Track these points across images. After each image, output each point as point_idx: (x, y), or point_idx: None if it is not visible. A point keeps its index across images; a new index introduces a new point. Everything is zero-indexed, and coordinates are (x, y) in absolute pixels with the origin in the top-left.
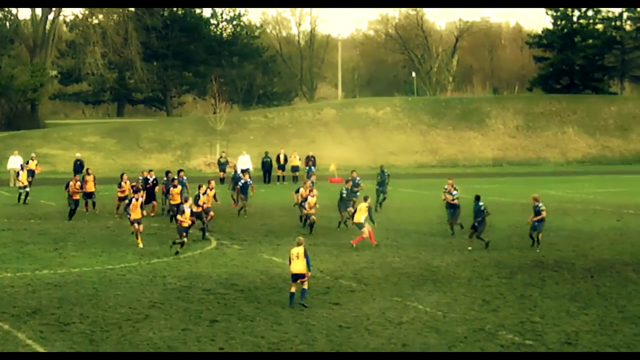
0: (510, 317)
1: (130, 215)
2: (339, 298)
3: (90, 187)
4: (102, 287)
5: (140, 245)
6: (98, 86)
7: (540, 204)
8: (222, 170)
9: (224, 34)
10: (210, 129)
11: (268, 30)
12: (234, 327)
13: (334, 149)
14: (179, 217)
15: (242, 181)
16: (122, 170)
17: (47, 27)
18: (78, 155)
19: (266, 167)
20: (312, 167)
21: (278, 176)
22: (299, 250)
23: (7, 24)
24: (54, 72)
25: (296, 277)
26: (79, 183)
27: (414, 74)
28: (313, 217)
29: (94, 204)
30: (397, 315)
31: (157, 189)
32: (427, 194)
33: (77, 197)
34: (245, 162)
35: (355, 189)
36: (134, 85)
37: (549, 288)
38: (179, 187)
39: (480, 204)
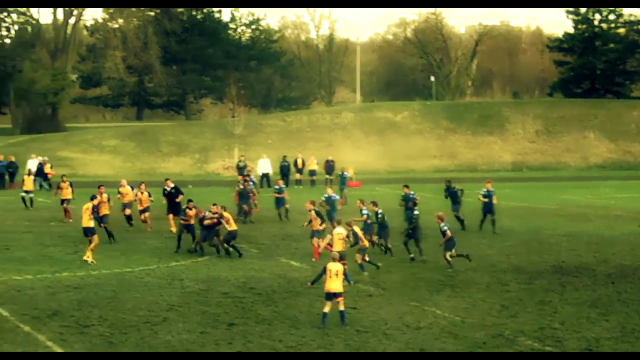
0: (530, 323)
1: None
2: (356, 302)
3: (66, 194)
4: (121, 289)
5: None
6: (118, 90)
7: (443, 224)
8: (241, 174)
9: (243, 38)
10: (229, 132)
11: (287, 35)
12: (251, 330)
13: (351, 153)
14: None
15: (241, 187)
16: (141, 173)
17: (68, 31)
18: (40, 159)
19: (284, 171)
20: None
21: (296, 180)
22: (338, 267)
23: (29, 28)
24: (75, 76)
25: (332, 295)
26: (105, 195)
27: (432, 78)
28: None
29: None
30: (415, 320)
31: (179, 198)
32: (445, 199)
33: (105, 211)
34: (265, 165)
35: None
36: (153, 89)
37: (569, 294)
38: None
39: (415, 212)
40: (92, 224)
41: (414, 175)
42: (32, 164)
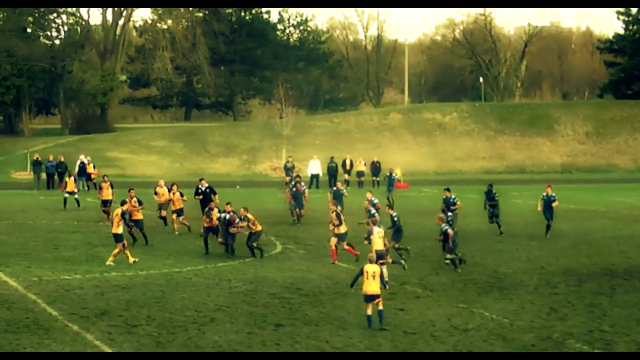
0: (579, 325)
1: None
2: (404, 304)
3: (107, 194)
4: (169, 289)
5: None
6: (166, 91)
7: (444, 224)
8: (288, 175)
9: (291, 39)
10: (277, 133)
11: (335, 35)
12: (298, 331)
13: (399, 154)
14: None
15: (294, 188)
16: (188, 173)
17: (117, 32)
18: (82, 157)
19: (331, 172)
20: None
21: (344, 180)
22: (375, 269)
23: (79, 29)
24: (124, 77)
25: (371, 298)
26: (135, 199)
27: (481, 79)
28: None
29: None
30: (462, 322)
31: (215, 197)
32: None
33: (138, 216)
34: (315, 166)
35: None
36: (202, 90)
37: (619, 297)
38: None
39: (449, 214)
40: (120, 230)
41: (462, 177)
42: (87, 165)
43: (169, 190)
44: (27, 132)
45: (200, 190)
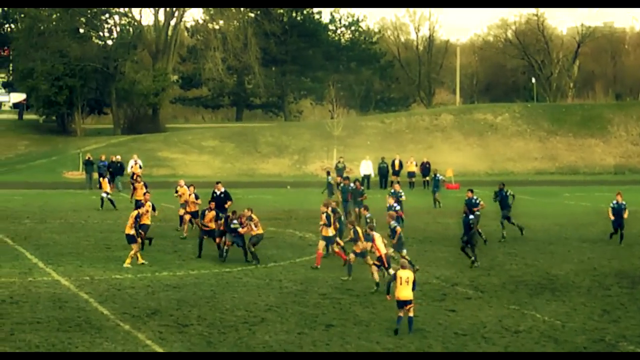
0: (632, 328)
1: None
2: (455, 305)
3: (140, 194)
4: (220, 289)
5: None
6: (217, 91)
7: (394, 222)
8: (340, 175)
9: (342, 40)
10: (328, 134)
11: (386, 36)
12: (349, 332)
13: (450, 155)
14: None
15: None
16: (239, 173)
17: (169, 33)
18: (119, 157)
19: (382, 172)
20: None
21: (392, 181)
22: (409, 274)
23: (131, 30)
24: (175, 77)
25: (404, 303)
26: (149, 203)
27: (533, 80)
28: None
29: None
30: (514, 323)
31: (228, 204)
32: (545, 202)
33: (146, 221)
34: (367, 167)
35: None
36: (253, 90)
37: None
38: (214, 212)
39: (471, 216)
40: (133, 231)
41: (514, 178)
42: (134, 165)
43: (190, 187)
44: (79, 132)
45: (215, 194)
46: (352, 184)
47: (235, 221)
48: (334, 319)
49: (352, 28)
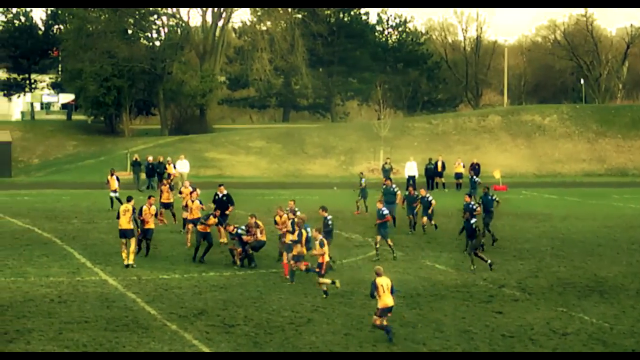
0: None
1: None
2: (502, 307)
3: (166, 197)
4: (266, 290)
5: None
6: (264, 92)
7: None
8: (386, 176)
9: (390, 41)
10: (374, 135)
11: (433, 37)
12: (396, 333)
13: (498, 157)
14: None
15: (407, 192)
16: (286, 174)
17: (217, 34)
18: (150, 158)
19: (429, 173)
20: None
21: (438, 183)
22: (387, 281)
23: (179, 31)
24: (223, 78)
25: (387, 310)
26: (154, 207)
27: (582, 81)
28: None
29: (173, 215)
30: (562, 325)
31: (230, 209)
32: (594, 203)
33: (150, 224)
34: (412, 168)
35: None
36: (300, 91)
37: None
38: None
39: (473, 220)
40: (132, 225)
41: (561, 179)
42: (182, 165)
43: (193, 193)
44: (127, 133)
45: (217, 197)
46: (406, 191)
47: (242, 227)
48: None
49: (400, 29)
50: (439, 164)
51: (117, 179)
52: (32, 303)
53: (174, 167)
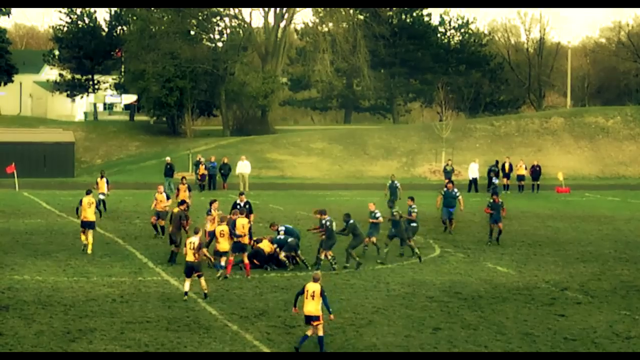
0: None
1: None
2: (564, 310)
3: (184, 196)
4: (327, 291)
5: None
6: (326, 93)
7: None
8: (448, 178)
9: (452, 42)
10: (436, 136)
11: (496, 38)
12: (456, 335)
13: (560, 159)
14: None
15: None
16: (347, 176)
17: (279, 35)
18: (168, 159)
19: (491, 175)
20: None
21: (503, 185)
22: (315, 287)
23: (241, 32)
24: (284, 79)
25: (309, 319)
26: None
27: None
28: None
29: (187, 217)
30: (625, 329)
31: (251, 218)
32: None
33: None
34: (475, 170)
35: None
36: (361, 93)
37: None
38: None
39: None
40: (95, 217)
41: (625, 182)
42: (243, 166)
43: (209, 208)
44: (189, 133)
45: (238, 206)
46: (490, 199)
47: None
48: (441, 322)
49: (462, 30)
50: (506, 166)
51: (107, 181)
52: (95, 303)
53: (205, 168)
